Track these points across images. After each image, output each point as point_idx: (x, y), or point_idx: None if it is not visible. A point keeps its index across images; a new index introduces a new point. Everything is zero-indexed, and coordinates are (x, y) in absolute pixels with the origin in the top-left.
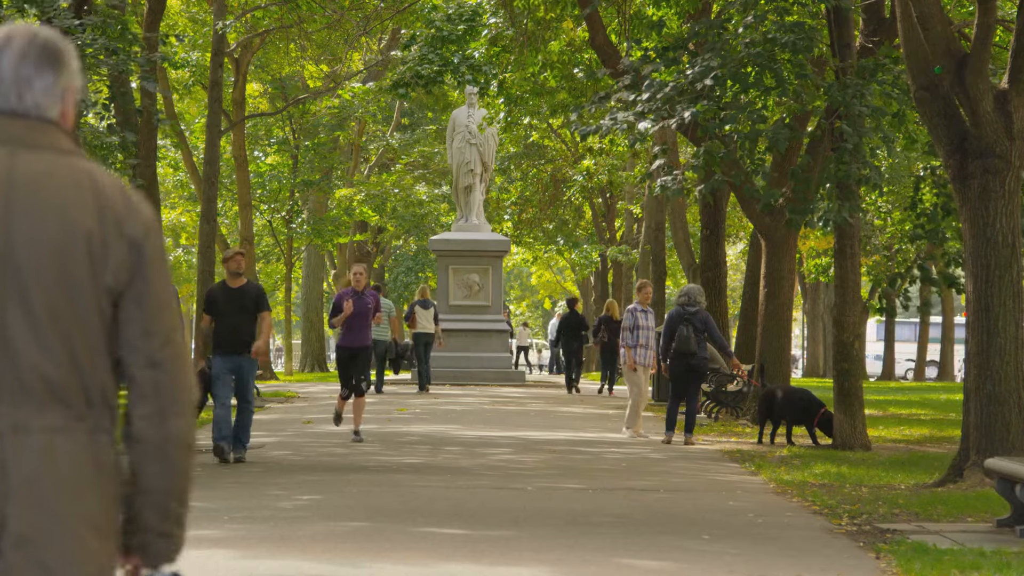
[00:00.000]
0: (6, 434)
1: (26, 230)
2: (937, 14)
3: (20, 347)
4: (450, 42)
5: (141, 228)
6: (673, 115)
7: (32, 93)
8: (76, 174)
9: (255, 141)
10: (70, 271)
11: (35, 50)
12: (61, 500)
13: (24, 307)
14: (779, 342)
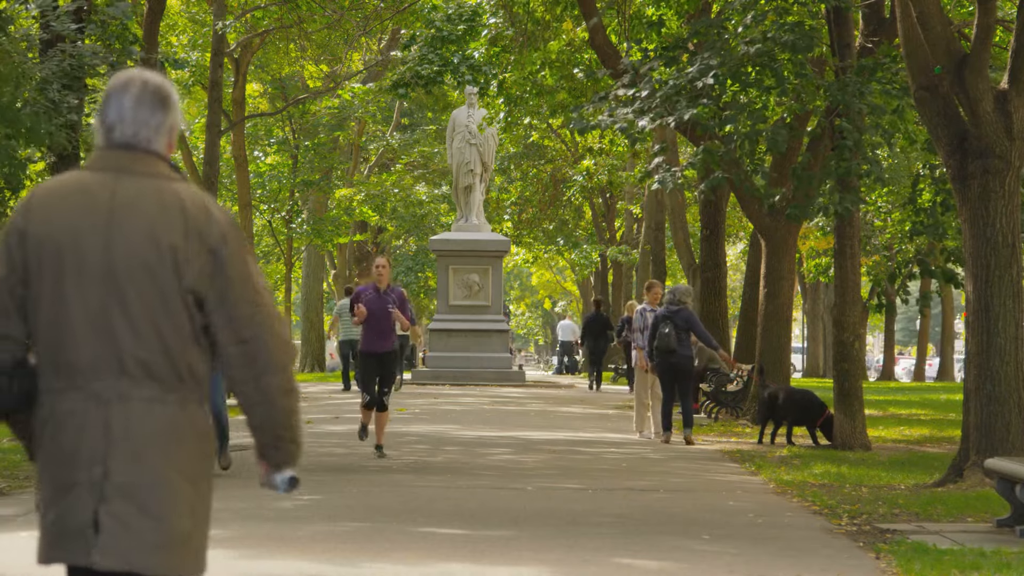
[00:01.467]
0: (112, 402)
1: (122, 244)
2: (937, 14)
3: (120, 337)
4: (450, 42)
5: (219, 236)
6: (672, 113)
7: (145, 130)
8: (166, 196)
9: (255, 141)
10: (158, 277)
11: (148, 94)
12: (155, 454)
13: (122, 306)
14: (779, 342)
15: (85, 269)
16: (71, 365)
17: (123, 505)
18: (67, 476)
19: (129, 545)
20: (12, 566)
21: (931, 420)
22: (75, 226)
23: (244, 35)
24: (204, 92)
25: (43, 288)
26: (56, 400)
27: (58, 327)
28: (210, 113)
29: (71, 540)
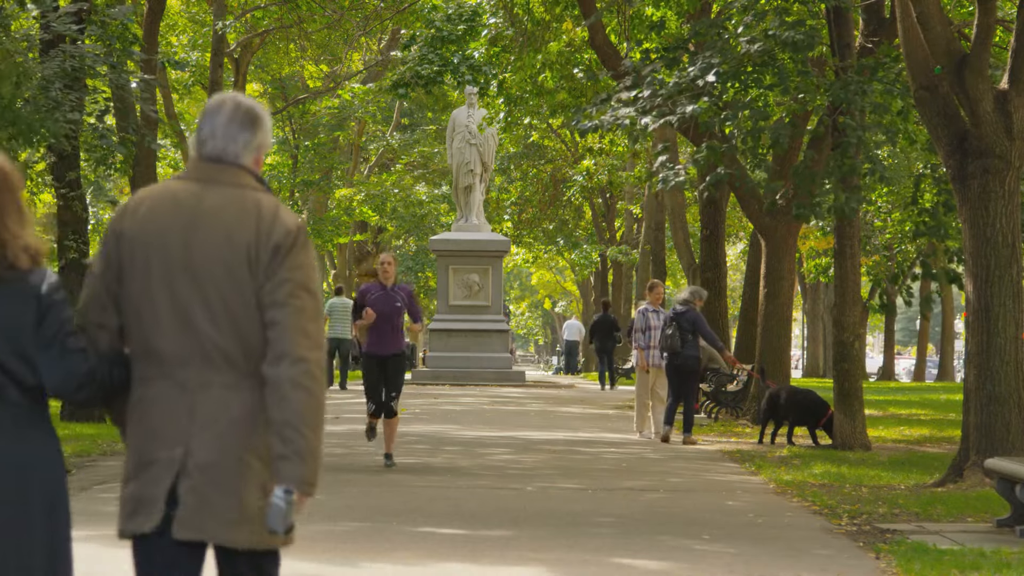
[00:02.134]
0: (195, 388)
1: (202, 245)
2: (937, 14)
3: (201, 328)
4: (450, 42)
5: (282, 235)
6: (674, 112)
7: (234, 146)
8: (246, 203)
9: None
10: (235, 274)
11: (239, 114)
12: (232, 437)
13: (203, 301)
14: (779, 342)
15: (170, 267)
16: (158, 354)
17: (202, 482)
18: (150, 454)
19: (205, 518)
20: None
21: (931, 420)
22: (163, 228)
23: (244, 35)
24: (204, 92)
25: (134, 284)
26: (145, 386)
27: (147, 319)
28: None
29: (147, 510)
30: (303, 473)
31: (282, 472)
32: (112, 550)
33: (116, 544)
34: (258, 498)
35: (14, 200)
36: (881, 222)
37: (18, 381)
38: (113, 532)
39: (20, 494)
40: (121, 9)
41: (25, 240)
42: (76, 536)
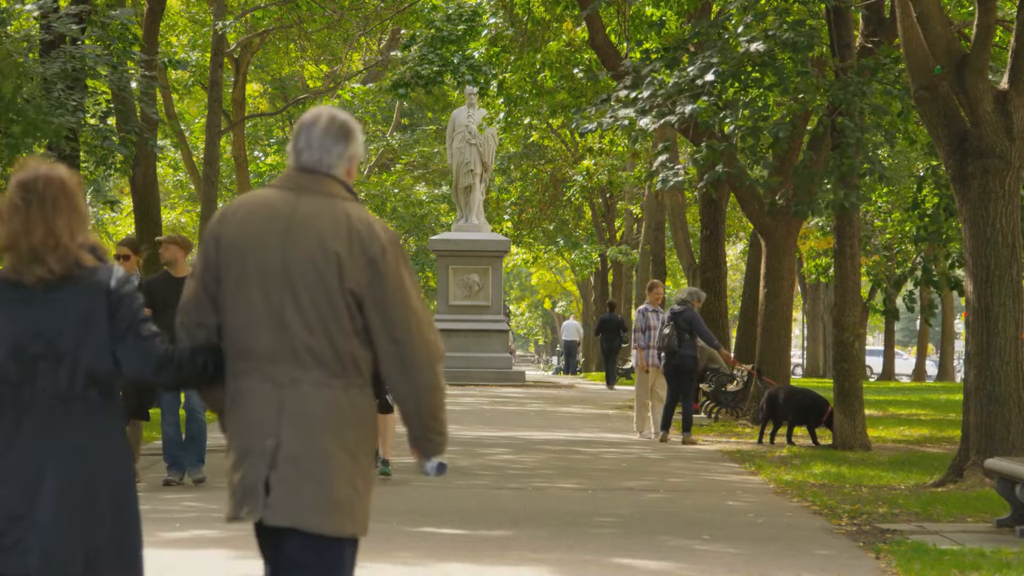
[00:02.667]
0: (285, 385)
1: (296, 251)
2: (937, 14)
3: (293, 329)
4: (450, 42)
5: (378, 249)
6: (674, 112)
7: (329, 157)
8: (337, 213)
9: (255, 141)
10: (325, 279)
11: (334, 127)
12: (321, 430)
13: (295, 303)
14: (779, 342)
15: (265, 270)
16: (252, 351)
17: (291, 472)
18: (247, 444)
19: (295, 506)
20: None
21: (931, 420)
22: (259, 233)
23: (244, 35)
24: (204, 92)
25: (230, 285)
26: (239, 380)
27: (242, 319)
28: (210, 113)
29: (249, 498)
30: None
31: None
32: None
33: None
34: (346, 489)
35: (74, 204)
36: (881, 222)
37: (90, 374)
38: None
39: (89, 483)
40: (122, 11)
41: (87, 240)
42: None
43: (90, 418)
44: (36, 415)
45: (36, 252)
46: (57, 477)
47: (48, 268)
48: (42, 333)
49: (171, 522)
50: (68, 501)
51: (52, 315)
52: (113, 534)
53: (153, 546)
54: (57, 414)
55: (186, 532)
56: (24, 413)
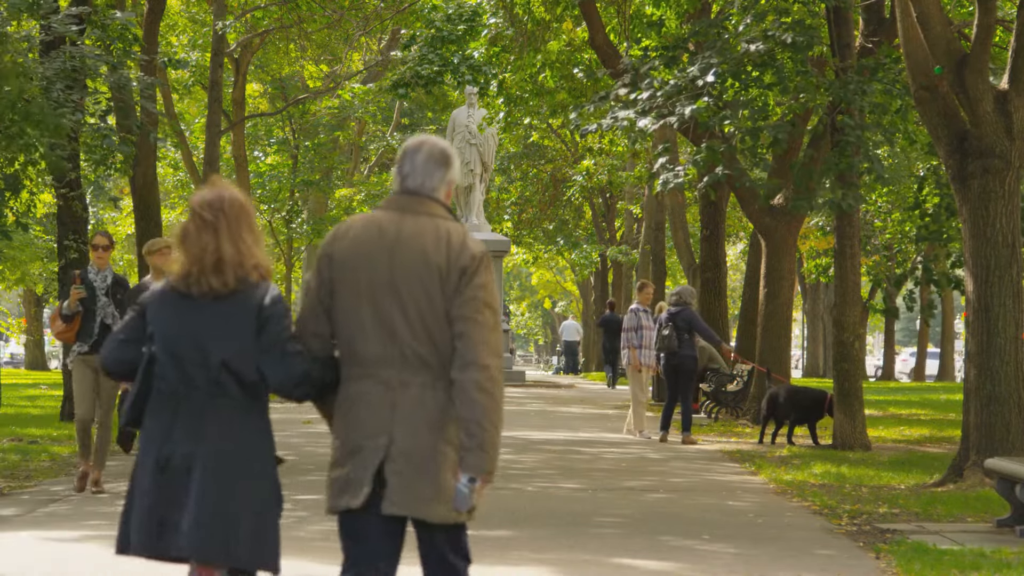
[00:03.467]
0: (396, 387)
1: (402, 266)
2: (937, 14)
3: (401, 337)
4: (450, 42)
5: (468, 259)
6: (673, 113)
7: (431, 181)
8: (439, 231)
9: (255, 141)
10: (429, 291)
11: (436, 154)
12: (428, 428)
13: (402, 312)
14: (779, 342)
15: (375, 284)
16: (364, 357)
17: (404, 466)
18: (357, 442)
19: (408, 497)
20: (12, 566)
21: (931, 420)
22: (368, 251)
23: (244, 35)
24: (204, 92)
25: (344, 298)
26: (352, 384)
27: (355, 328)
28: (210, 113)
29: (354, 490)
30: (484, 463)
31: (467, 462)
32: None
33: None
34: (452, 479)
35: (250, 223)
36: (881, 222)
37: (239, 379)
38: (114, 533)
39: (236, 471)
40: (123, 15)
41: (257, 259)
42: (75, 536)
43: (237, 417)
44: (191, 410)
45: (219, 266)
46: (204, 469)
47: (224, 281)
48: (198, 339)
49: None
50: (213, 492)
51: (211, 324)
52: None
53: None
54: (208, 411)
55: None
56: (180, 406)
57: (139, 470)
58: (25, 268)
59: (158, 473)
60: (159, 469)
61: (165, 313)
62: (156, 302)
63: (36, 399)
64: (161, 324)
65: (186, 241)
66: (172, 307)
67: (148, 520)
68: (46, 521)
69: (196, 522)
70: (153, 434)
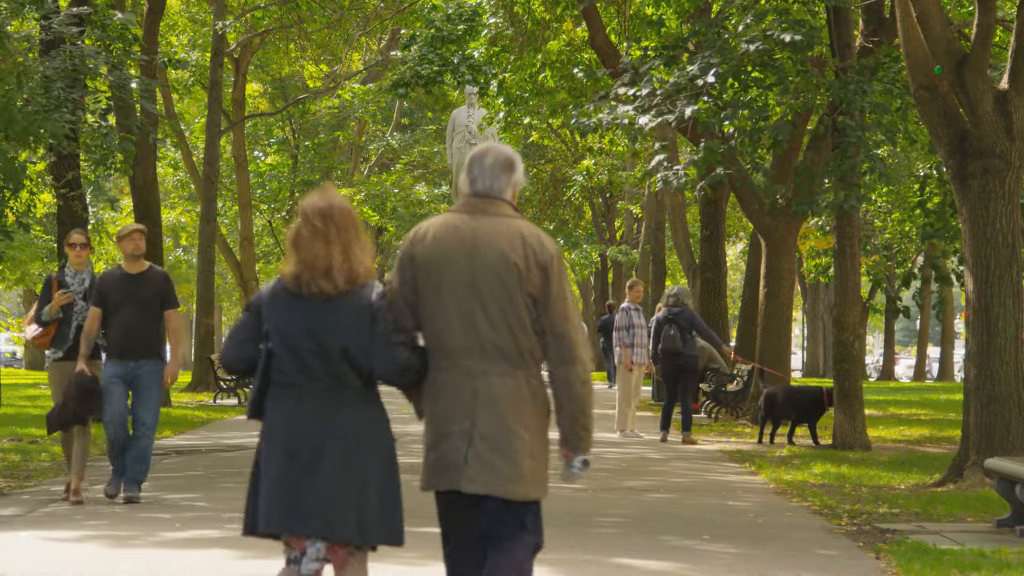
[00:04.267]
0: (477, 376)
1: (482, 264)
2: (937, 14)
3: (481, 330)
4: (450, 42)
5: (547, 258)
6: (673, 111)
7: (499, 183)
8: (512, 230)
9: (255, 141)
10: (507, 286)
11: (501, 159)
12: (507, 413)
13: (482, 307)
14: (779, 342)
15: (456, 281)
16: (449, 349)
17: (485, 449)
18: (445, 427)
19: (489, 477)
20: (12, 566)
21: (931, 420)
22: (448, 251)
23: (244, 35)
24: (204, 92)
25: (427, 295)
26: (438, 374)
27: (439, 322)
28: (210, 113)
29: (447, 471)
30: (589, 444)
31: (579, 446)
32: (112, 550)
33: (116, 545)
34: (528, 460)
35: (357, 231)
36: (881, 222)
37: (359, 369)
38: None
39: (361, 453)
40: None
41: (364, 262)
42: (75, 536)
43: (357, 403)
44: (313, 399)
45: (330, 270)
46: (332, 453)
47: (334, 285)
48: (314, 334)
49: (171, 522)
50: (342, 474)
51: (326, 319)
52: (379, 502)
53: (153, 546)
54: (329, 399)
55: (186, 532)
56: (303, 397)
57: (265, 457)
58: (25, 268)
59: (287, 459)
60: (287, 455)
61: (279, 310)
62: (269, 301)
63: (36, 399)
64: (277, 321)
65: (298, 245)
66: (285, 305)
67: (279, 502)
68: (46, 521)
69: (326, 502)
70: (277, 424)
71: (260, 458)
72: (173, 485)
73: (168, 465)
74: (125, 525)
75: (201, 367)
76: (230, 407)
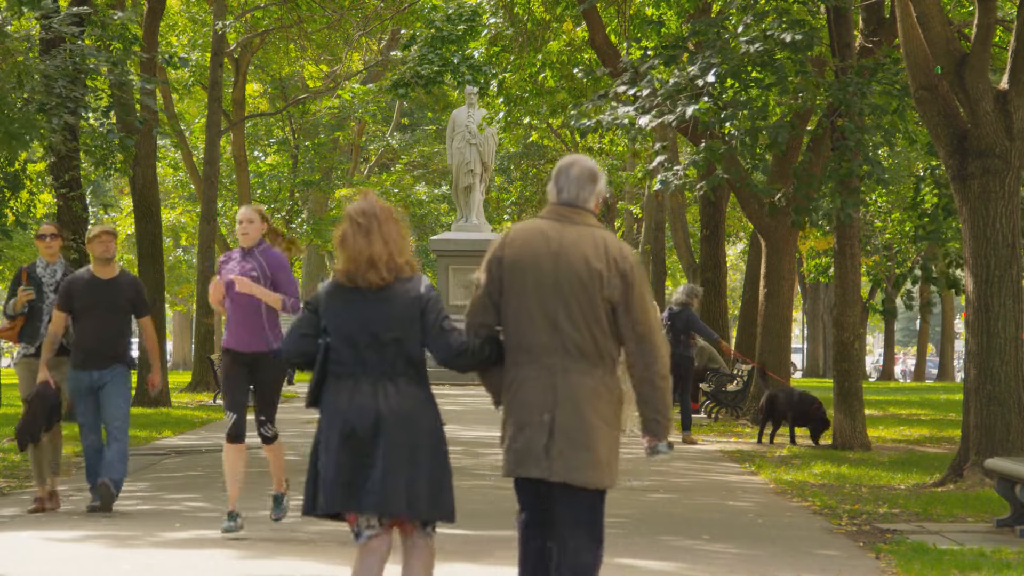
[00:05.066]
0: (558, 372)
1: (566, 268)
2: (937, 14)
3: (563, 329)
4: (450, 42)
5: (628, 266)
6: (674, 111)
7: (583, 193)
8: (595, 238)
9: (255, 141)
10: (589, 290)
11: (586, 171)
12: (584, 407)
13: (565, 310)
14: (779, 342)
15: (541, 283)
16: (530, 346)
17: (564, 440)
18: (526, 419)
19: (568, 466)
20: (12, 566)
21: (931, 420)
22: (535, 254)
23: (244, 35)
24: (204, 92)
25: (512, 295)
26: (520, 369)
27: (523, 321)
28: (210, 113)
29: (527, 460)
30: (669, 431)
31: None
32: (112, 550)
33: (116, 545)
34: (604, 451)
35: (400, 229)
36: (881, 222)
37: (409, 356)
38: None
39: (412, 435)
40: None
41: (405, 254)
42: (75, 536)
43: (407, 389)
44: (368, 386)
45: (374, 263)
46: (385, 436)
47: (380, 275)
48: (369, 325)
49: (171, 522)
50: (395, 454)
51: (378, 312)
52: (429, 481)
53: (153, 546)
54: (383, 386)
55: (186, 532)
56: (358, 384)
57: (324, 442)
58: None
59: (343, 442)
60: (344, 438)
61: (336, 306)
62: (326, 298)
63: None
64: (334, 316)
65: (344, 243)
66: (341, 300)
67: (337, 483)
68: (46, 521)
69: (382, 481)
70: (334, 410)
71: (318, 444)
72: (173, 485)
73: (168, 465)
74: (125, 525)
75: (201, 367)
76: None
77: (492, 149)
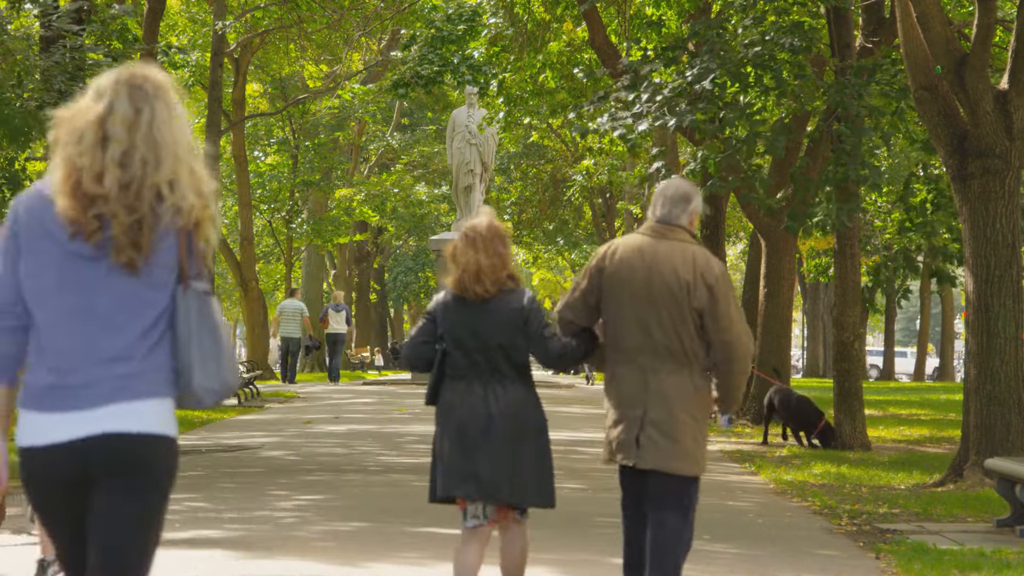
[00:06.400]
0: (648, 371)
1: (659, 280)
2: (937, 14)
3: (654, 333)
4: (450, 42)
5: (714, 279)
6: (672, 115)
7: (676, 211)
8: (686, 252)
9: (255, 141)
10: (678, 299)
11: (681, 192)
12: (673, 403)
13: (656, 315)
14: (779, 342)
15: (636, 293)
16: (627, 347)
17: (654, 432)
18: (622, 412)
19: (657, 455)
20: (12, 566)
21: (931, 420)
22: (632, 267)
23: (244, 35)
24: (204, 92)
25: (610, 302)
26: (617, 367)
27: (619, 325)
28: (210, 113)
29: (623, 449)
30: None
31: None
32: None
33: None
34: (690, 442)
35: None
36: (881, 222)
37: (513, 360)
38: None
39: (517, 429)
40: (123, 8)
41: (509, 268)
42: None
43: (513, 389)
44: (479, 387)
45: (479, 274)
46: (494, 430)
47: (485, 287)
48: (477, 332)
49: (171, 522)
50: (502, 447)
51: (485, 319)
52: (533, 472)
53: None
54: (492, 386)
55: (186, 532)
56: (470, 385)
57: (440, 435)
58: None
59: (458, 435)
60: (458, 432)
61: (450, 315)
62: (442, 309)
63: None
64: (448, 324)
65: (456, 256)
66: (454, 309)
67: (452, 472)
68: None
69: (491, 470)
70: (450, 407)
71: (437, 438)
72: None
73: None
74: None
75: None
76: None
77: (492, 149)
